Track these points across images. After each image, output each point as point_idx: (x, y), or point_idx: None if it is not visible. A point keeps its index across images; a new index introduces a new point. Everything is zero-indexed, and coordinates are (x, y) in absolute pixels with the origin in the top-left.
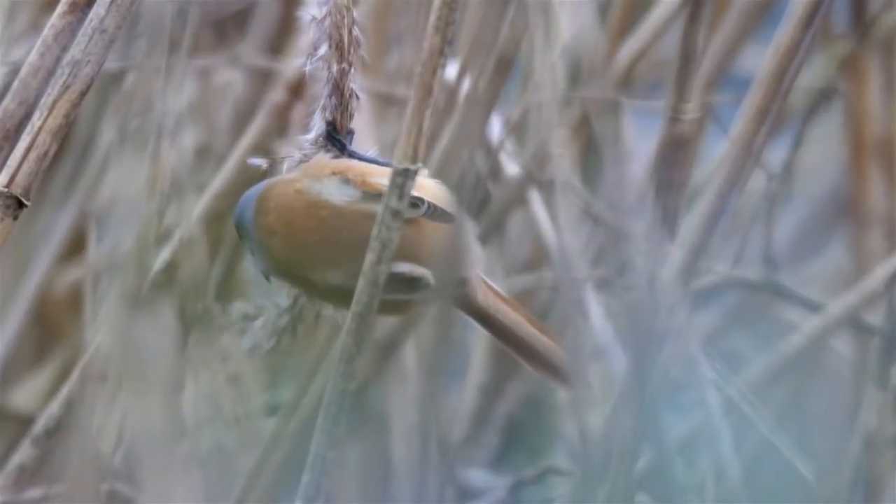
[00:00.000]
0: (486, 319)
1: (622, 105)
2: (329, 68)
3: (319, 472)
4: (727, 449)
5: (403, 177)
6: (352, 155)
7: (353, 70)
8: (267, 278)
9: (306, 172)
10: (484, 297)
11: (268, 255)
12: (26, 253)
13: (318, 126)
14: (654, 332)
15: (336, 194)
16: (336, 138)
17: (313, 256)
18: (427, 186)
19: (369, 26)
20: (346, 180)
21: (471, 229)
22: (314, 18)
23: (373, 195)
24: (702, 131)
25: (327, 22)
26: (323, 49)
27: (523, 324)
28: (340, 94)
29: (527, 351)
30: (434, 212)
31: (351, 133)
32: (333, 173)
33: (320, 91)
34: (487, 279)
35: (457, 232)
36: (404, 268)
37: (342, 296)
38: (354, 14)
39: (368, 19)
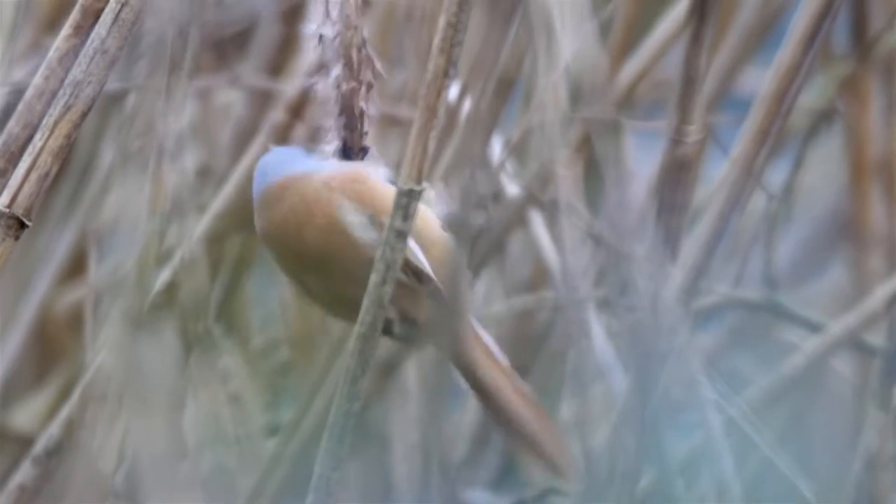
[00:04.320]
0: (469, 376)
1: (623, 126)
2: (339, 87)
3: (324, 492)
4: (728, 469)
5: (408, 197)
6: None
7: (364, 88)
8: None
9: (342, 184)
10: (472, 352)
11: (270, 246)
12: (27, 273)
13: (333, 141)
14: (656, 353)
15: (360, 230)
16: (350, 158)
17: (304, 266)
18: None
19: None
20: (374, 221)
21: (468, 281)
22: (322, 37)
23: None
24: (702, 152)
25: (337, 41)
26: (335, 69)
27: (508, 391)
28: (352, 113)
29: (506, 423)
30: (437, 292)
31: (364, 150)
32: (366, 206)
33: (333, 110)
34: (483, 335)
35: (454, 281)
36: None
37: (331, 302)
38: (364, 33)
39: (370, 39)
